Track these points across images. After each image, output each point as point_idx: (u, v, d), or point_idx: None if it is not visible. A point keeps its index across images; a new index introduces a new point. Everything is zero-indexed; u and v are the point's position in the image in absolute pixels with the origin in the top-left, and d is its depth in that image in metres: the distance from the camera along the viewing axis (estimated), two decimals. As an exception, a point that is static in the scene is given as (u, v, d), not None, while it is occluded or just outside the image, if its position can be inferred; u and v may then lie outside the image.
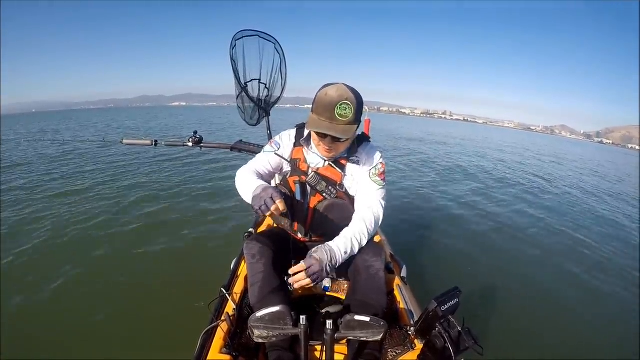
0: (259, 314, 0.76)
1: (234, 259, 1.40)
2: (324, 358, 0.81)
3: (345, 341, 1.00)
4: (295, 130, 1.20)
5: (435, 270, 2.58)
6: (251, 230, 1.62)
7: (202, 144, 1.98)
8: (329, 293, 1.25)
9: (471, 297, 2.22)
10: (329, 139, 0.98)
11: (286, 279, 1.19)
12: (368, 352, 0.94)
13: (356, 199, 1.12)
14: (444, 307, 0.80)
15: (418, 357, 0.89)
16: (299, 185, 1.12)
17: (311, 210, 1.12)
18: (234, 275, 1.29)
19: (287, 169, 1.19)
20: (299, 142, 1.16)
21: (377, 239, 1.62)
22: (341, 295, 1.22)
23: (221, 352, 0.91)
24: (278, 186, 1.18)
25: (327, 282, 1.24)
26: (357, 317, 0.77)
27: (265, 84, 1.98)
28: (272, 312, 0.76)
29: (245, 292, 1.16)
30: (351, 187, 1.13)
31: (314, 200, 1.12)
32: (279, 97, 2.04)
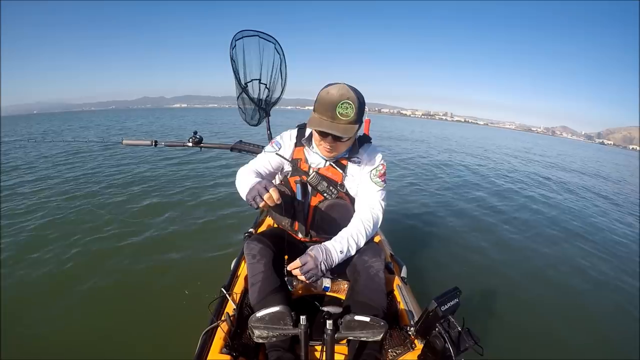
0: (259, 314, 0.76)
1: (234, 259, 1.40)
2: (324, 358, 0.81)
3: (345, 341, 1.00)
4: (296, 131, 1.20)
5: (435, 270, 2.58)
6: (251, 230, 1.61)
7: (202, 145, 1.98)
8: (329, 293, 1.25)
9: (471, 297, 2.22)
10: (330, 138, 0.98)
11: (286, 279, 1.19)
12: (368, 352, 0.94)
13: (356, 200, 1.13)
14: (444, 307, 0.80)
15: (418, 357, 0.89)
16: (299, 185, 1.12)
17: (312, 210, 1.13)
18: (234, 275, 1.28)
19: (287, 169, 1.19)
20: (300, 142, 1.16)
21: (377, 239, 1.62)
22: (341, 296, 1.22)
23: (221, 352, 0.91)
24: (279, 186, 1.18)
25: (327, 282, 1.25)
26: (357, 317, 0.77)
27: (266, 84, 1.98)
28: (272, 312, 0.76)
29: (245, 292, 1.16)
30: (352, 187, 1.13)
31: (314, 200, 1.12)
32: (279, 97, 2.04)
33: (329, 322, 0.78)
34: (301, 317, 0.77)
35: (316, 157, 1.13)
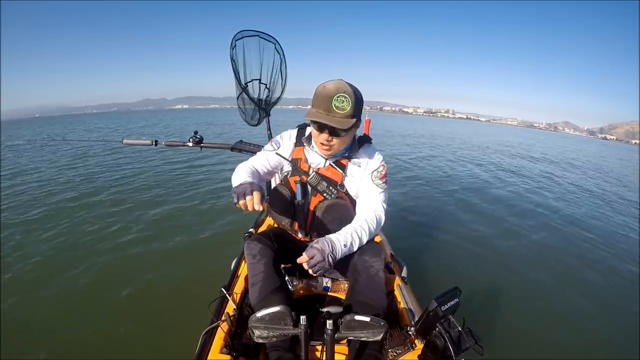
0: (259, 314, 0.76)
1: (234, 259, 1.40)
2: (324, 358, 0.81)
3: (345, 341, 1.00)
4: (296, 131, 1.20)
5: (435, 270, 2.58)
6: (251, 230, 1.61)
7: (202, 144, 1.98)
8: (329, 293, 1.25)
9: (471, 297, 2.21)
10: (327, 132, 0.99)
11: (287, 279, 1.19)
12: (368, 352, 0.94)
13: (358, 201, 1.13)
14: (444, 307, 0.80)
15: (418, 357, 0.89)
16: (299, 185, 1.12)
17: (312, 210, 1.13)
18: (234, 275, 1.28)
19: (287, 168, 1.19)
20: (299, 142, 1.16)
21: (377, 239, 1.62)
22: (341, 295, 1.22)
23: (221, 352, 0.91)
24: (279, 186, 1.19)
25: (327, 282, 1.25)
26: (358, 317, 0.77)
27: (266, 84, 1.98)
28: (273, 312, 0.76)
29: (245, 292, 1.16)
30: (352, 187, 1.13)
31: (314, 200, 1.12)
32: (279, 97, 2.04)
33: (329, 322, 0.78)
34: (301, 317, 0.77)
35: (316, 157, 1.13)
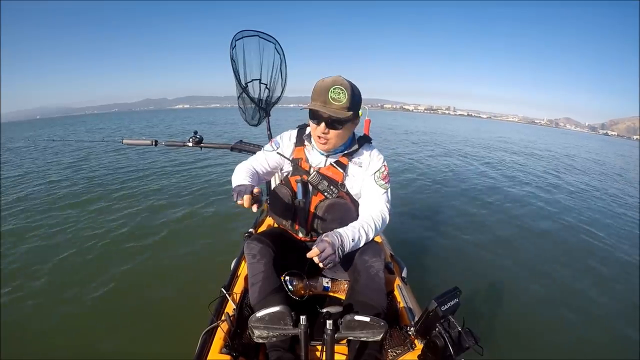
0: (259, 314, 0.76)
1: (234, 259, 1.40)
2: (324, 358, 0.81)
3: (345, 341, 1.00)
4: (296, 131, 1.21)
5: (435, 270, 2.58)
6: (251, 230, 1.61)
7: (202, 144, 1.98)
8: (329, 293, 1.25)
9: (471, 297, 2.21)
10: (323, 125, 1.00)
11: (287, 279, 1.19)
12: (368, 352, 0.94)
13: (362, 203, 1.14)
14: (444, 307, 0.80)
15: (418, 357, 0.89)
16: (300, 185, 1.12)
17: (312, 210, 1.13)
18: (234, 275, 1.28)
19: (287, 169, 1.19)
20: (300, 141, 1.17)
21: (377, 239, 1.62)
22: (341, 295, 1.22)
23: (221, 352, 0.91)
24: (279, 185, 1.19)
25: (327, 282, 1.25)
26: (357, 317, 0.77)
27: (266, 84, 1.98)
28: (272, 312, 0.76)
29: (245, 292, 1.16)
30: (353, 187, 1.14)
31: (315, 200, 1.12)
32: (279, 97, 2.04)
33: (329, 322, 0.78)
34: (301, 317, 0.77)
35: (317, 157, 1.14)
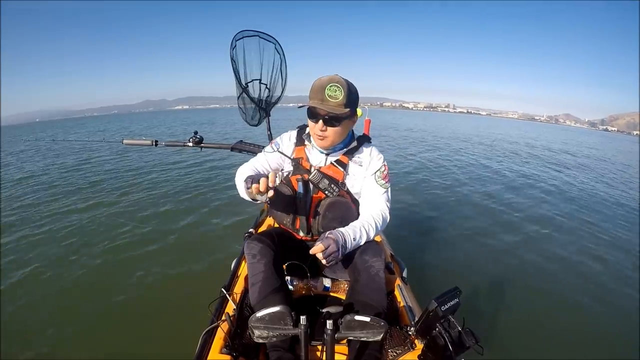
0: (259, 314, 0.76)
1: (234, 259, 1.40)
2: (324, 358, 0.81)
3: (345, 341, 1.00)
4: (296, 132, 1.22)
5: (435, 270, 2.58)
6: (251, 230, 1.61)
7: (202, 144, 1.98)
8: (329, 293, 1.25)
9: (471, 297, 2.21)
10: (321, 122, 1.02)
11: (287, 278, 1.19)
12: (368, 352, 0.94)
13: (362, 202, 1.15)
14: (444, 307, 0.80)
15: (418, 357, 0.89)
16: (301, 183, 1.12)
17: (313, 208, 1.13)
18: (234, 275, 1.28)
19: (288, 169, 1.20)
20: (300, 141, 1.18)
21: (377, 238, 1.62)
22: (341, 295, 1.22)
23: (221, 352, 0.91)
24: (280, 184, 1.19)
25: (327, 282, 1.25)
26: (358, 317, 0.77)
27: (266, 84, 1.98)
28: (273, 313, 0.76)
29: (245, 292, 1.16)
30: (353, 185, 1.15)
31: (316, 199, 1.13)
32: (279, 97, 2.04)
33: (329, 322, 0.78)
34: (301, 317, 0.77)
35: (317, 156, 1.15)
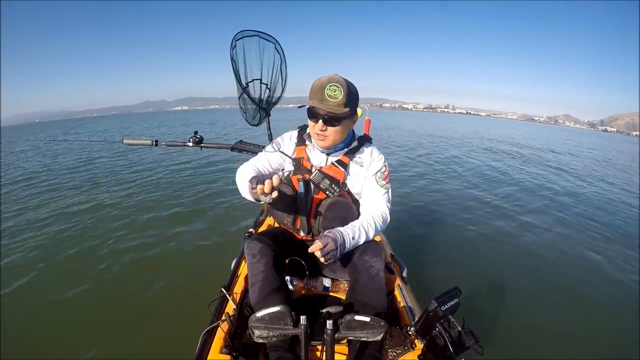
0: (259, 314, 0.76)
1: (234, 259, 1.40)
2: (324, 358, 0.81)
3: (345, 341, 1.00)
4: (296, 132, 1.22)
5: (435, 270, 2.58)
6: (251, 230, 1.62)
7: (202, 144, 1.98)
8: (329, 293, 1.25)
9: (471, 297, 2.21)
10: (321, 122, 1.02)
11: (287, 278, 1.19)
12: (368, 352, 0.94)
13: (363, 202, 1.15)
14: (444, 307, 0.80)
15: (418, 357, 0.89)
16: (302, 183, 1.12)
17: (314, 208, 1.13)
18: (234, 275, 1.28)
19: (288, 169, 1.20)
20: (301, 141, 1.18)
21: (377, 238, 1.62)
22: (341, 295, 1.22)
23: (221, 352, 0.91)
24: (281, 184, 1.19)
25: (327, 282, 1.25)
26: (358, 317, 0.77)
27: (267, 84, 1.98)
28: (273, 312, 0.76)
29: (245, 292, 1.16)
30: (354, 186, 1.15)
31: (316, 199, 1.13)
32: (279, 97, 2.04)
33: (329, 322, 0.77)
34: (301, 317, 0.77)
35: (318, 156, 1.15)
